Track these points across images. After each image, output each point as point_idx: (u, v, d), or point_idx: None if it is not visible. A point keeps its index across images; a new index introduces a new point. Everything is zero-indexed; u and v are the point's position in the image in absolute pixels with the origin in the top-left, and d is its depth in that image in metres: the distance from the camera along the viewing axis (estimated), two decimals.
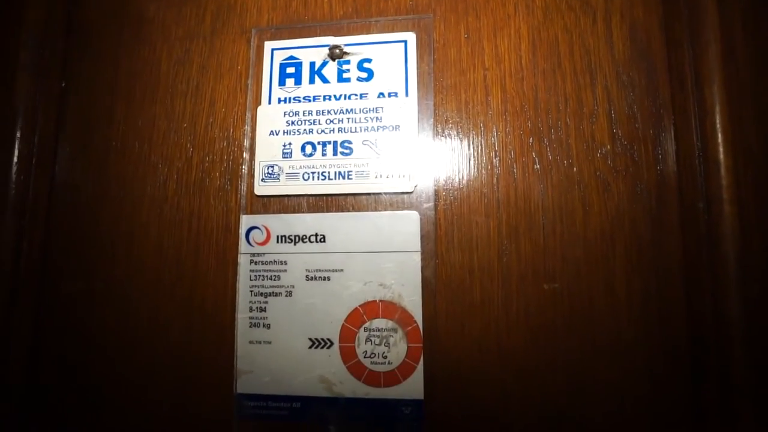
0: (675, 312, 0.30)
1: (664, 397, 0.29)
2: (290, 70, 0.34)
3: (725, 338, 0.27)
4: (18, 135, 0.34)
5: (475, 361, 0.31)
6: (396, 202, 0.32)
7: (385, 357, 0.30)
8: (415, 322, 0.31)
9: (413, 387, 0.30)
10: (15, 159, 0.35)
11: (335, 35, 0.34)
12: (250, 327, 0.32)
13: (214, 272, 0.34)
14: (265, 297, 0.32)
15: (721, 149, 0.29)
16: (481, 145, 0.33)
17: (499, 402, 0.30)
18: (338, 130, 0.33)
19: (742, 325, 0.27)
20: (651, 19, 0.33)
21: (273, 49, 0.35)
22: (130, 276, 0.35)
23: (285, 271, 0.32)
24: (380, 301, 0.31)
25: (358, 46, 0.34)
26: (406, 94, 0.33)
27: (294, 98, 0.34)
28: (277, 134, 0.33)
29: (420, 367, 0.30)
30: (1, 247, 0.34)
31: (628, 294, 0.30)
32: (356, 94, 0.33)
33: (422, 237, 0.31)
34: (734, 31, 0.29)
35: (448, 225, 0.32)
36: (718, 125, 0.29)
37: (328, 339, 0.31)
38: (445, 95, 0.33)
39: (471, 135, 0.33)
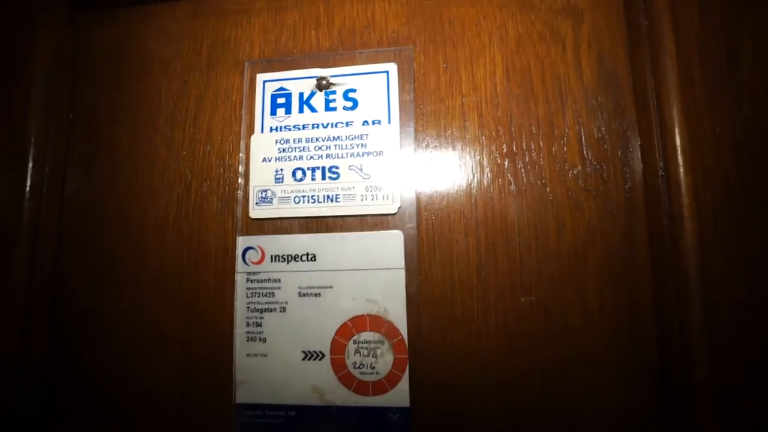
0: (644, 321, 0.32)
1: (634, 401, 0.31)
2: (281, 100, 0.37)
3: (688, 344, 0.29)
4: (30, 166, 0.37)
5: (457, 370, 0.33)
6: (381, 222, 0.34)
7: (373, 367, 0.33)
8: (401, 334, 0.33)
9: (400, 395, 0.32)
10: (28, 188, 0.37)
11: (322, 67, 0.37)
12: (247, 341, 0.34)
13: (214, 290, 0.36)
14: (261, 313, 0.34)
15: (681, 169, 0.31)
16: (460, 168, 0.35)
17: (481, 407, 0.32)
18: (326, 156, 0.35)
19: (702, 330, 0.29)
20: (617, 47, 0.35)
21: (264, 81, 0.37)
22: (135, 295, 0.37)
23: (279, 288, 0.34)
24: (368, 315, 0.33)
25: (343, 77, 0.36)
26: (389, 122, 0.35)
27: (285, 127, 0.36)
28: (269, 161, 0.36)
29: (406, 376, 0.32)
30: (16, 269, 0.36)
31: (601, 306, 0.32)
32: (342, 122, 0.36)
33: (406, 255, 0.34)
34: (691, 58, 0.32)
35: (430, 243, 0.34)
36: (678, 146, 0.31)
37: (320, 351, 0.33)
38: (426, 122, 0.36)
39: (450, 158, 0.35)
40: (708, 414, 0.29)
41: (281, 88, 0.37)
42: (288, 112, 0.36)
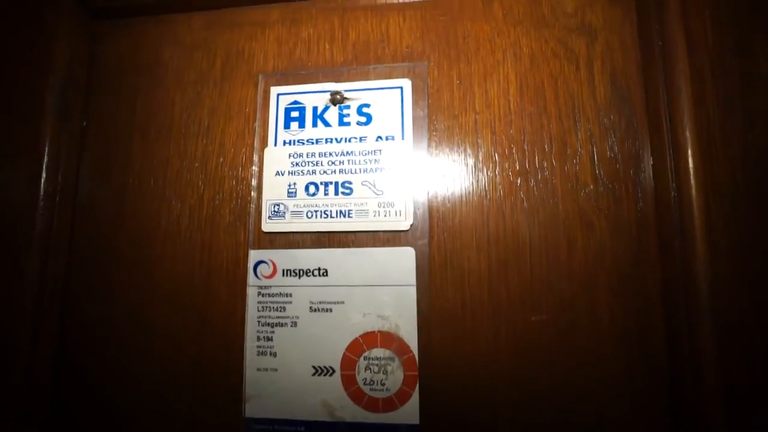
0: (654, 342, 0.32)
1: (645, 419, 0.31)
2: (294, 114, 0.37)
3: (698, 360, 0.29)
4: (44, 175, 0.37)
5: (467, 387, 0.33)
6: (393, 238, 0.35)
7: (383, 384, 0.33)
8: (411, 351, 0.33)
9: (410, 412, 0.32)
10: (41, 195, 0.37)
11: (336, 81, 0.37)
12: (257, 355, 0.34)
13: (225, 303, 0.36)
14: (272, 327, 0.34)
15: (693, 190, 0.31)
16: (473, 185, 0.35)
17: (491, 426, 0.32)
18: (339, 171, 0.35)
19: (713, 348, 0.29)
20: (630, 66, 0.35)
21: (279, 94, 0.37)
22: (146, 305, 0.37)
23: (290, 302, 0.34)
24: (379, 331, 0.33)
25: (357, 92, 0.36)
26: (402, 137, 0.35)
27: (298, 141, 0.36)
28: (282, 174, 0.36)
29: (416, 393, 0.32)
30: (28, 275, 0.36)
31: (611, 323, 0.33)
32: (356, 138, 0.36)
33: (417, 271, 0.34)
34: (704, 79, 0.32)
35: (442, 260, 0.34)
36: (690, 167, 0.31)
37: (331, 367, 0.33)
38: (439, 138, 0.36)
39: (463, 175, 0.35)
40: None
41: (295, 102, 0.37)
42: (302, 125, 0.37)
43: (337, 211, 0.35)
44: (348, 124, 0.36)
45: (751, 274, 0.30)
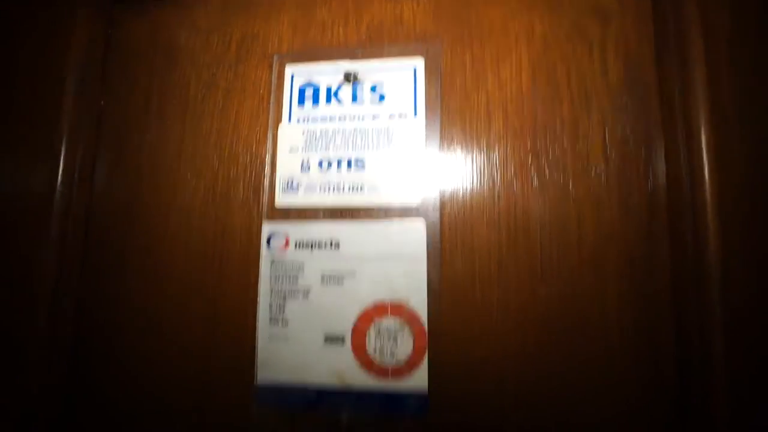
0: (662, 322, 0.32)
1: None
2: (308, 92, 0.38)
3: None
4: (63, 152, 0.38)
5: (475, 358, 0.33)
6: (404, 213, 0.35)
7: (393, 353, 0.33)
8: (421, 322, 0.34)
9: (419, 380, 0.33)
10: (60, 173, 0.38)
11: (350, 60, 0.38)
12: (269, 324, 0.35)
13: (238, 274, 0.37)
14: (284, 297, 0.35)
15: (706, 172, 0.31)
16: (484, 162, 0.36)
17: (497, 394, 0.33)
18: (352, 148, 0.36)
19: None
20: (644, 49, 0.35)
21: (293, 73, 0.38)
22: (162, 274, 0.38)
23: (302, 274, 0.35)
24: (389, 302, 0.34)
25: (371, 70, 0.37)
26: (415, 116, 0.36)
27: (312, 118, 0.37)
28: (296, 151, 0.37)
29: (425, 363, 0.33)
30: (47, 249, 0.38)
31: (619, 300, 0.33)
32: (369, 115, 0.36)
33: (428, 244, 0.34)
34: (719, 64, 0.32)
35: (452, 234, 0.35)
36: (703, 149, 0.31)
37: (341, 336, 0.34)
38: (451, 117, 0.36)
39: (474, 153, 0.36)
40: None
41: (309, 80, 0.38)
42: (315, 103, 0.37)
43: (349, 187, 0.35)
44: (361, 102, 0.37)
45: (762, 254, 0.30)
